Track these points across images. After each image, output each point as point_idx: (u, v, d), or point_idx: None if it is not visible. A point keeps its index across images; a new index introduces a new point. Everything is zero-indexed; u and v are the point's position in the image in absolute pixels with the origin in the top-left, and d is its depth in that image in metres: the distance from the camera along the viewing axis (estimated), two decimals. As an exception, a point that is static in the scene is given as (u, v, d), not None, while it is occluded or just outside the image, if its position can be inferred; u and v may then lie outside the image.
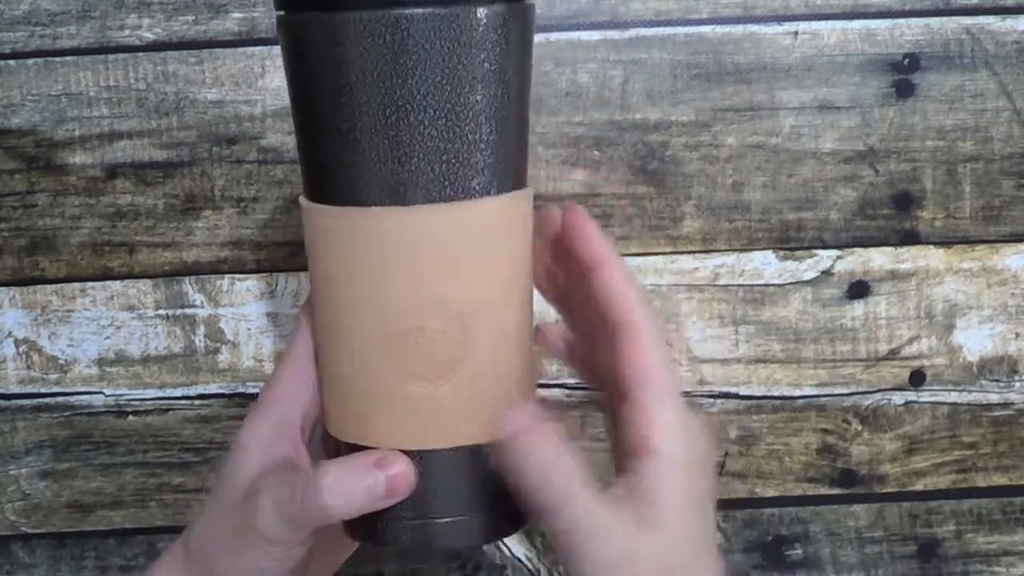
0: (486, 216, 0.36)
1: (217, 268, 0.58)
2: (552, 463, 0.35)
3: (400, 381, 0.36)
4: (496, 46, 0.35)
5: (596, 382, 0.42)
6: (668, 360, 0.38)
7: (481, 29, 0.34)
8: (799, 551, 0.62)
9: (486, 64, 0.35)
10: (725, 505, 0.61)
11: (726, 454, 0.60)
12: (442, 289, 0.36)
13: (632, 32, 0.56)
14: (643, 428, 0.36)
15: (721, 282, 0.59)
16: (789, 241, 0.58)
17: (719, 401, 0.60)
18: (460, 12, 0.34)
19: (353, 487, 0.35)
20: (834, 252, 0.58)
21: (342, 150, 0.35)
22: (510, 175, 0.37)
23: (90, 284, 0.58)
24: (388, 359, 0.36)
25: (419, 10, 0.33)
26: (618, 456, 0.38)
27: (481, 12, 0.34)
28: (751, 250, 0.58)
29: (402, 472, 0.36)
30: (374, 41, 0.34)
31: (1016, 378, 0.60)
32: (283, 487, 0.36)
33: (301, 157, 0.38)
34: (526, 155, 0.39)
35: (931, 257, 0.59)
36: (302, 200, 0.38)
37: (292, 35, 0.36)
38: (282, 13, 0.36)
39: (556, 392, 0.58)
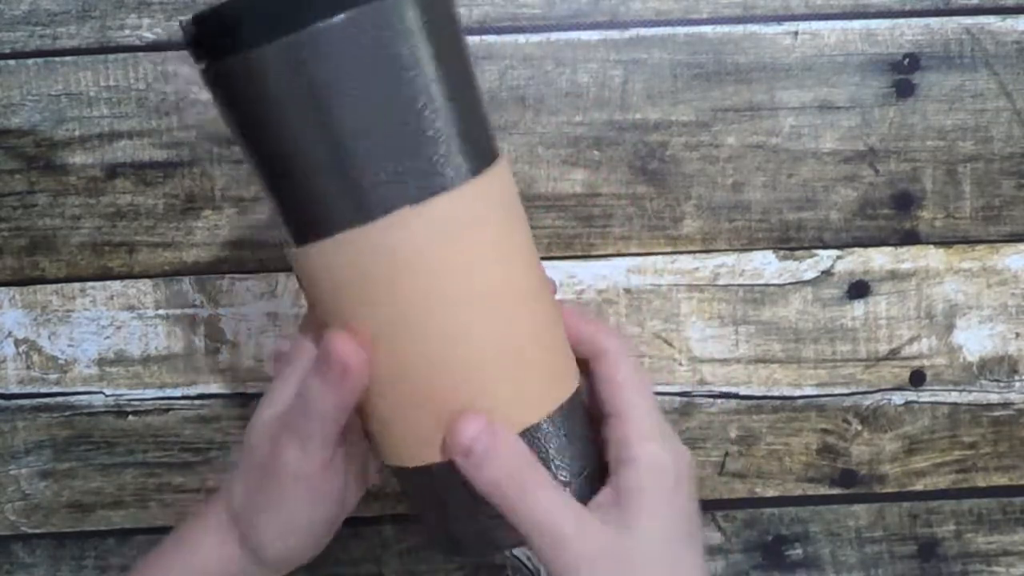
0: (464, 205, 0.35)
1: (217, 268, 0.58)
2: (508, 473, 0.35)
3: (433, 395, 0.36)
4: (412, 34, 0.33)
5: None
6: (645, 383, 0.39)
7: (390, 25, 0.33)
8: (799, 551, 0.62)
9: (410, 55, 0.33)
10: (725, 505, 0.61)
11: (726, 454, 0.60)
12: (452, 292, 0.35)
13: (632, 32, 0.56)
14: (623, 441, 0.38)
15: (721, 282, 0.59)
16: (789, 241, 0.58)
17: (719, 401, 0.60)
18: (361, 14, 0.32)
19: (321, 383, 0.36)
20: (834, 252, 0.58)
21: (301, 185, 0.34)
22: (477, 155, 0.35)
23: (90, 284, 0.58)
24: (407, 385, 0.36)
25: (320, 24, 0.32)
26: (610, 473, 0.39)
27: (382, 8, 0.32)
28: (751, 250, 0.58)
29: (341, 350, 0.35)
30: (288, 68, 0.32)
31: (1016, 378, 0.60)
32: (291, 412, 0.37)
33: (274, 203, 0.37)
34: (487, 127, 0.37)
35: (931, 257, 0.59)
36: (290, 252, 0.37)
37: (214, 87, 0.35)
38: (203, 65, 0.35)
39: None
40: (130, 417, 0.60)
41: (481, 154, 0.36)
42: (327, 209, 0.34)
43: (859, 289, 0.59)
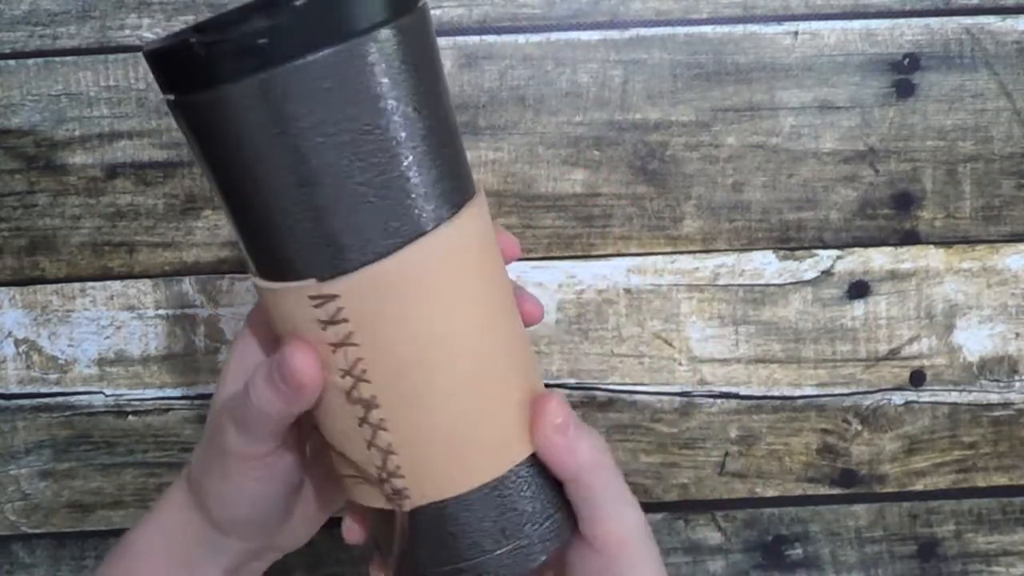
0: (438, 251, 0.33)
1: (217, 268, 0.58)
2: (593, 446, 0.37)
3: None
4: (389, 73, 0.32)
5: None
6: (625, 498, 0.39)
7: (362, 64, 0.31)
8: (799, 551, 0.62)
9: (382, 97, 0.32)
10: (725, 505, 0.61)
11: (726, 454, 0.60)
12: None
13: (632, 32, 0.56)
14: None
15: (721, 282, 0.59)
16: (789, 241, 0.58)
17: (719, 401, 0.60)
18: (335, 55, 0.31)
19: (263, 382, 0.35)
20: (834, 252, 0.58)
21: (267, 224, 0.33)
22: (451, 197, 0.34)
23: (90, 284, 0.58)
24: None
25: (293, 63, 0.30)
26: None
27: (359, 47, 0.31)
28: (751, 250, 0.58)
29: (296, 367, 0.34)
30: (257, 106, 0.31)
31: (1016, 378, 0.60)
32: (233, 399, 0.37)
33: (236, 234, 0.36)
34: (463, 165, 0.36)
35: (931, 257, 0.59)
36: (254, 280, 0.36)
37: (179, 118, 0.34)
38: (169, 96, 0.33)
39: (557, 392, 0.58)
40: (130, 417, 0.60)
41: (456, 195, 0.34)
42: (294, 254, 0.33)
43: (859, 289, 0.59)
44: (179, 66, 0.32)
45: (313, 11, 0.30)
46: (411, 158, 0.33)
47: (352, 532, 0.41)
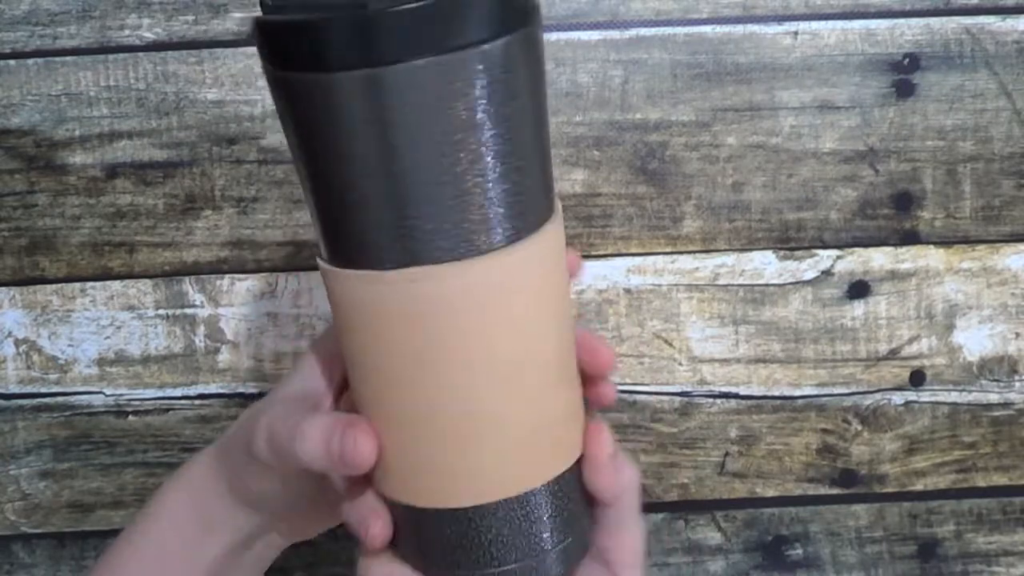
0: (502, 271, 0.34)
1: (217, 268, 0.58)
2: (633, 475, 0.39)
3: (448, 443, 0.36)
4: (496, 86, 0.32)
5: None
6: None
7: (473, 74, 0.32)
8: (799, 551, 0.61)
9: (481, 111, 0.32)
10: (725, 505, 0.61)
11: (726, 454, 0.60)
12: (478, 352, 0.34)
13: (632, 32, 0.56)
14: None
15: (721, 282, 0.59)
16: (789, 241, 0.58)
17: (719, 401, 0.60)
18: (448, 62, 0.31)
19: (317, 443, 0.36)
20: (834, 252, 0.58)
21: (349, 211, 0.33)
22: (528, 218, 0.35)
23: (90, 284, 0.58)
24: (433, 431, 0.35)
25: (401, 66, 0.30)
26: None
27: (470, 56, 0.31)
28: (751, 250, 0.58)
29: (358, 450, 0.35)
30: (357, 101, 0.31)
31: (1016, 378, 0.60)
32: (278, 418, 0.38)
33: (315, 214, 0.36)
34: (548, 186, 0.36)
35: (931, 257, 0.59)
36: (322, 264, 0.36)
37: (276, 90, 0.34)
38: (269, 67, 0.34)
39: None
40: (130, 417, 0.60)
41: (533, 216, 0.35)
42: (366, 243, 0.33)
43: (859, 289, 0.59)
44: (290, 43, 0.32)
45: (427, 18, 0.31)
46: (494, 179, 0.33)
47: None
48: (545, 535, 0.37)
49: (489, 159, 0.33)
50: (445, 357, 0.34)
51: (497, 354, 0.35)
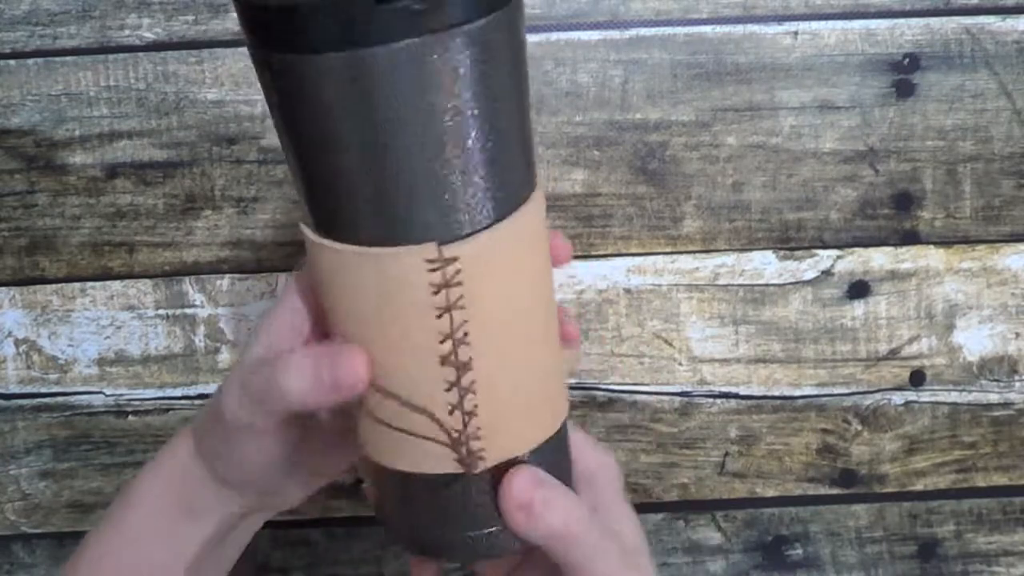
0: (474, 252, 0.34)
1: (217, 268, 0.58)
2: (564, 522, 0.36)
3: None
4: (478, 66, 0.32)
5: None
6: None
7: (455, 55, 0.32)
8: (799, 551, 0.61)
9: (465, 92, 0.32)
10: (725, 505, 0.61)
11: (726, 454, 0.60)
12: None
13: (632, 32, 0.56)
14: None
15: (721, 282, 0.59)
16: (789, 241, 0.58)
17: (719, 401, 0.60)
18: (427, 44, 0.31)
19: (306, 370, 0.36)
20: (834, 252, 0.58)
21: (328, 183, 0.34)
22: (511, 196, 0.35)
23: (90, 284, 0.58)
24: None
25: (382, 48, 0.31)
26: None
27: (449, 39, 0.32)
28: (751, 250, 0.58)
29: (351, 370, 0.35)
30: (340, 82, 0.32)
31: (1016, 378, 0.60)
32: (249, 371, 0.38)
33: (298, 187, 0.36)
34: (528, 170, 0.37)
35: (931, 257, 0.59)
36: (305, 230, 0.36)
37: (261, 70, 0.35)
38: (253, 48, 0.34)
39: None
40: (130, 417, 0.60)
41: (516, 194, 0.36)
42: (351, 219, 0.34)
43: (859, 289, 0.59)
44: (276, 25, 0.32)
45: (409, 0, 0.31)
46: (477, 159, 0.34)
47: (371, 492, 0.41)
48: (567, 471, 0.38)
49: (472, 139, 0.33)
50: (496, 318, 0.35)
51: (531, 302, 0.36)
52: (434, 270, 0.34)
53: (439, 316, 0.34)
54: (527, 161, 0.37)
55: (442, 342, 0.35)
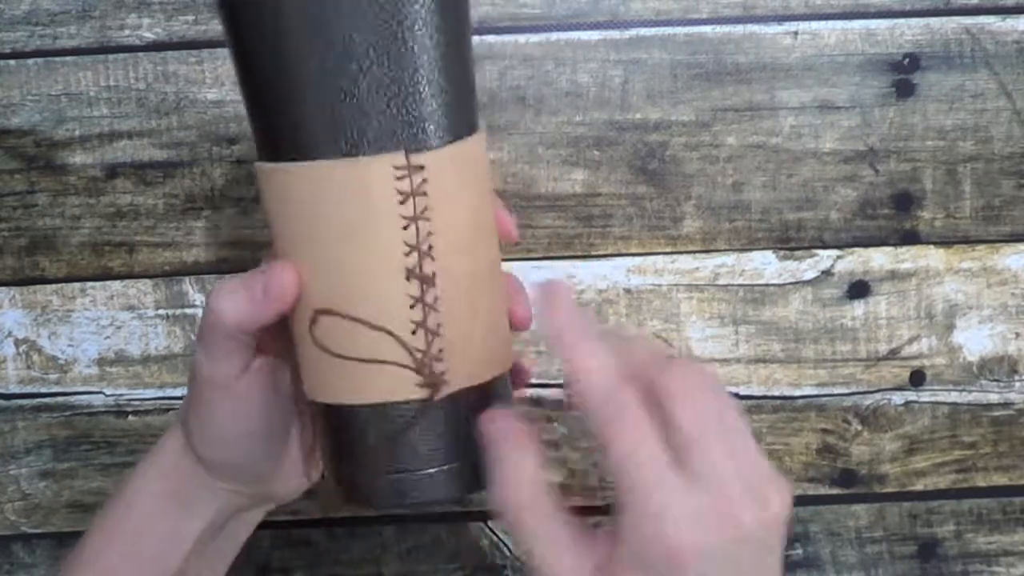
0: (438, 164, 0.35)
1: (217, 268, 0.58)
2: (521, 479, 0.35)
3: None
4: None
5: None
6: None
7: None
8: (799, 551, 0.61)
9: (420, 12, 0.34)
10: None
11: (726, 454, 0.60)
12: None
13: (632, 32, 0.56)
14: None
15: (721, 282, 0.59)
16: (789, 241, 0.58)
17: (719, 401, 0.60)
18: None
19: (236, 287, 0.37)
20: (834, 252, 0.58)
21: (288, 105, 0.35)
22: (461, 123, 0.36)
23: (90, 284, 0.58)
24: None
25: None
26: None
27: None
28: (751, 250, 0.58)
29: (278, 280, 0.36)
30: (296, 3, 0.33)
31: (1016, 378, 0.60)
32: (202, 326, 0.39)
33: (251, 116, 0.37)
34: (475, 100, 0.38)
35: (931, 257, 0.59)
36: (261, 166, 0.37)
37: (220, 6, 0.37)
38: None
39: (556, 392, 0.58)
40: (130, 417, 0.60)
41: (465, 123, 0.37)
42: (308, 134, 0.35)
43: (859, 289, 0.59)
44: None
45: None
46: (428, 78, 0.35)
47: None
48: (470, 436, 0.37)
49: (436, 48, 0.35)
50: (458, 232, 0.36)
51: (486, 222, 0.37)
52: (401, 177, 0.35)
53: (405, 227, 0.35)
54: (475, 98, 0.38)
55: (407, 254, 0.35)
